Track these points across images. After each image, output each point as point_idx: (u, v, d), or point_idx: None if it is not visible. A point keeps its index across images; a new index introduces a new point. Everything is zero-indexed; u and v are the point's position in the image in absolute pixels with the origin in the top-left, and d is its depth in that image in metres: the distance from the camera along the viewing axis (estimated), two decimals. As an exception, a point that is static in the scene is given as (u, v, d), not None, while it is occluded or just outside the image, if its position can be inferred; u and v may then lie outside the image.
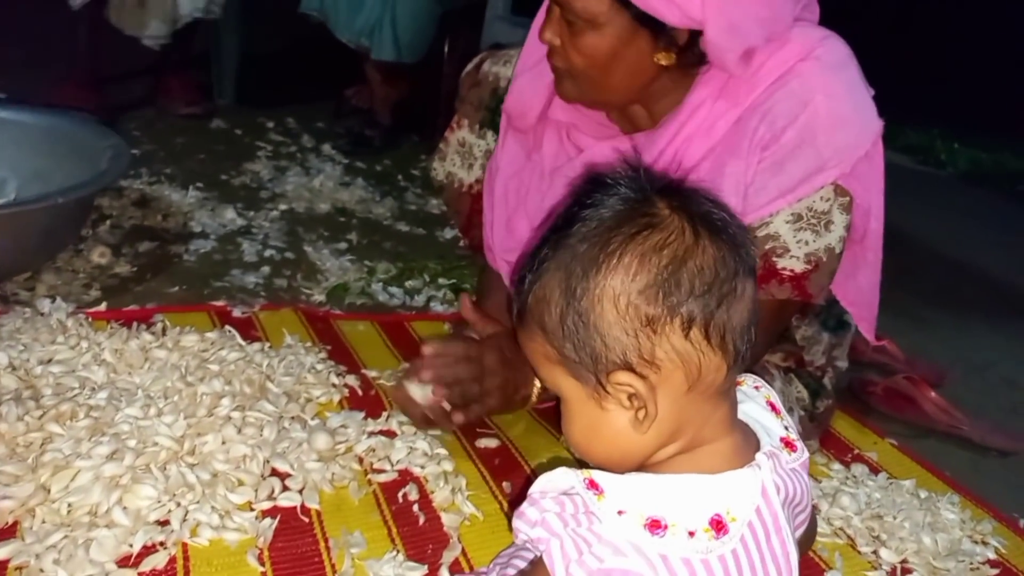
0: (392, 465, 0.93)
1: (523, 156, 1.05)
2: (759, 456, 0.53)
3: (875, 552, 0.93)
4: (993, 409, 1.33)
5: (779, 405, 0.60)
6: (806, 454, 0.58)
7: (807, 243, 0.87)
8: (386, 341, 1.26)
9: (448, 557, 0.81)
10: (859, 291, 0.97)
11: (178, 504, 0.80)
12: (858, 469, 1.07)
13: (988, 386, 1.41)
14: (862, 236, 0.92)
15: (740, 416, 0.56)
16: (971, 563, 0.94)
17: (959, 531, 0.98)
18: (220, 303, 1.25)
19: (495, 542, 0.84)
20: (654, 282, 0.49)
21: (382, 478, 0.91)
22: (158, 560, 0.74)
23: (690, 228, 0.50)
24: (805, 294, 0.88)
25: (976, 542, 0.98)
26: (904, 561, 0.92)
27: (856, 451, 1.13)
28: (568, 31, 0.86)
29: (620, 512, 0.48)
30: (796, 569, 0.53)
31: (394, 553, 0.79)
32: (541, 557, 0.50)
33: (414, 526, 0.85)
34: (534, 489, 0.51)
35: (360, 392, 1.08)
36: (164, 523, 0.78)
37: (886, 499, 1.01)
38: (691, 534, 0.48)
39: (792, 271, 0.87)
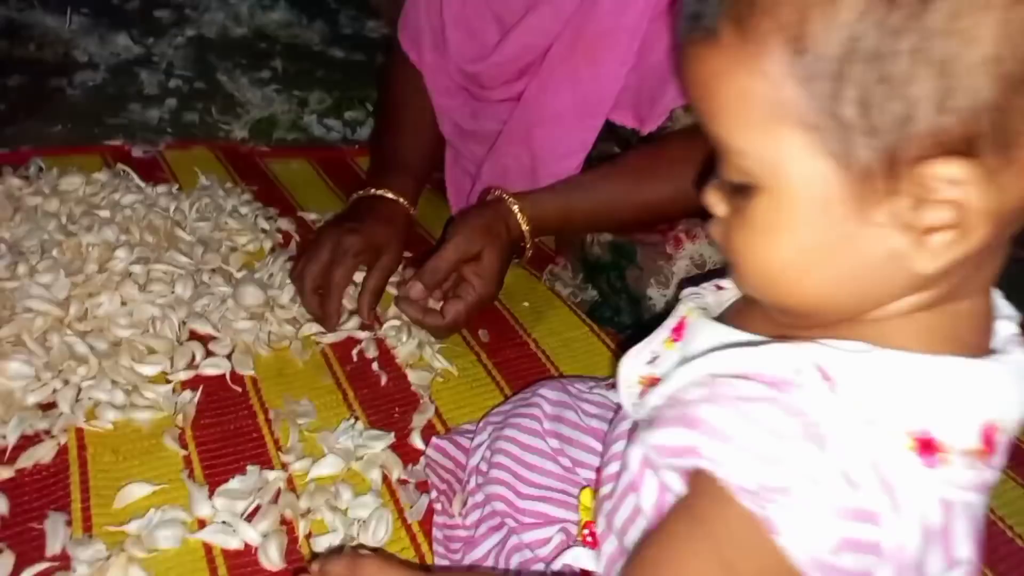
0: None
1: None
2: (1003, 326, 0.35)
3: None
4: None
5: None
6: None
7: None
8: (326, 180, 1.06)
9: (420, 420, 0.66)
10: None
11: (66, 382, 0.62)
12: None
13: None
14: None
15: None
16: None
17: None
18: (116, 142, 1.01)
19: (475, 400, 0.69)
20: None
21: (331, 336, 0.74)
22: (42, 453, 0.57)
23: None
24: None
25: None
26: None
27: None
28: None
29: (870, 421, 0.30)
30: None
31: (352, 421, 0.64)
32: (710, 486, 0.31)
33: (375, 387, 0.70)
34: (724, 378, 0.32)
35: (297, 237, 0.89)
36: (49, 407, 0.61)
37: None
38: (967, 459, 0.30)
39: None
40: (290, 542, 0.54)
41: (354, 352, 0.73)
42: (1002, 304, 0.36)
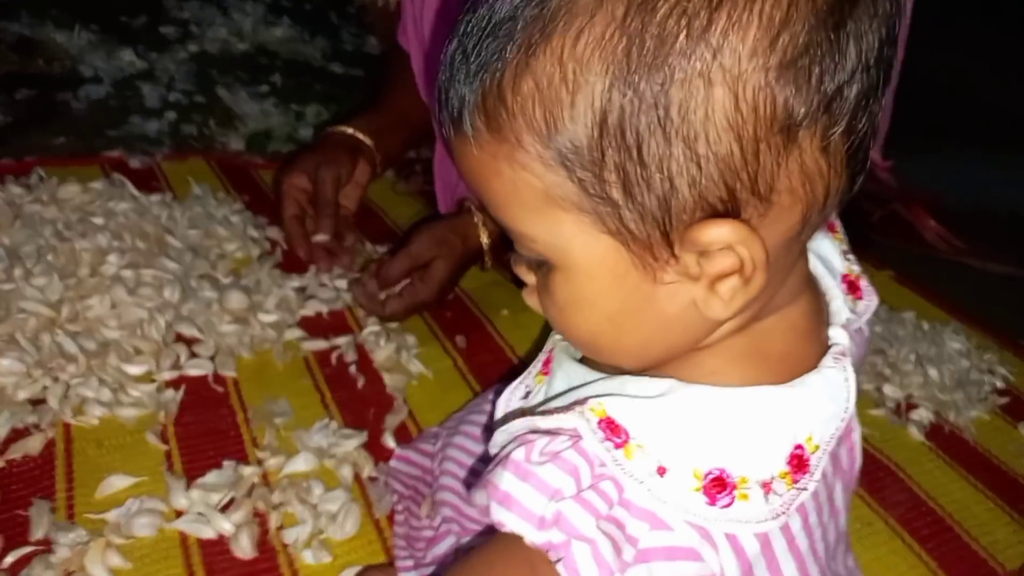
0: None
1: None
2: (835, 334, 0.35)
3: (878, 389, 0.83)
4: (992, 235, 1.22)
5: (835, 219, 0.41)
6: (874, 301, 0.40)
7: None
8: (319, 191, 1.09)
9: (392, 421, 0.69)
10: None
11: (55, 379, 0.65)
12: (855, 302, 0.96)
13: (988, 211, 1.30)
14: None
15: None
16: (979, 393, 0.85)
17: (965, 361, 0.89)
18: (114, 153, 1.05)
19: (447, 402, 0.72)
20: (805, 41, 0.27)
21: (312, 341, 0.77)
22: (30, 445, 0.60)
23: None
24: None
25: (983, 371, 0.89)
26: (909, 396, 0.83)
27: (852, 283, 1.02)
28: None
29: (661, 470, 0.31)
30: (858, 470, 0.38)
31: (327, 421, 0.67)
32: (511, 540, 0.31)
33: (351, 390, 0.72)
34: (511, 448, 0.32)
35: (284, 245, 0.92)
36: (38, 402, 0.64)
37: (887, 333, 0.90)
38: (766, 488, 0.31)
39: None
40: (261, 533, 0.56)
41: (333, 356, 0.76)
42: (838, 309, 0.37)
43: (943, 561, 0.64)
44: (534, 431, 0.32)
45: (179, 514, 0.56)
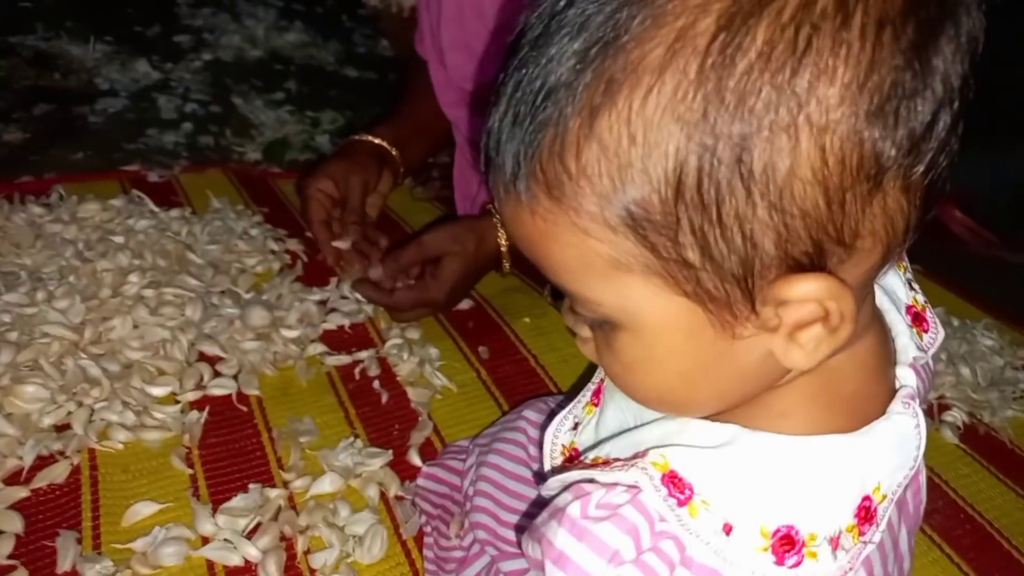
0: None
1: None
2: (903, 374, 0.34)
3: (910, 391, 0.81)
4: (1024, 225, 1.19)
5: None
6: (941, 332, 0.39)
7: None
8: (336, 199, 1.08)
9: (418, 438, 0.68)
10: None
11: (80, 404, 0.65)
12: (885, 301, 0.94)
13: (1018, 202, 1.27)
14: None
15: None
16: (1014, 391, 0.83)
17: (999, 358, 0.87)
18: (133, 167, 1.06)
19: (472, 416, 0.71)
20: (892, 81, 0.25)
21: (335, 356, 0.76)
22: (56, 473, 0.60)
23: None
24: None
25: (1017, 369, 0.87)
26: (941, 397, 0.81)
27: (881, 281, 0.99)
28: None
29: (727, 528, 0.29)
30: (923, 512, 0.37)
31: (352, 439, 0.66)
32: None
33: (376, 405, 0.72)
34: (566, 500, 0.30)
35: (305, 258, 0.91)
36: (63, 428, 0.64)
37: (919, 331, 0.88)
38: (834, 544, 0.30)
39: None
40: (289, 558, 0.56)
41: (356, 371, 0.75)
42: (905, 346, 0.35)
43: (985, 572, 0.62)
44: (591, 481, 0.31)
45: (205, 541, 0.56)
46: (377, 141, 0.87)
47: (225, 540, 0.56)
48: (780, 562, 0.29)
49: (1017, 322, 0.95)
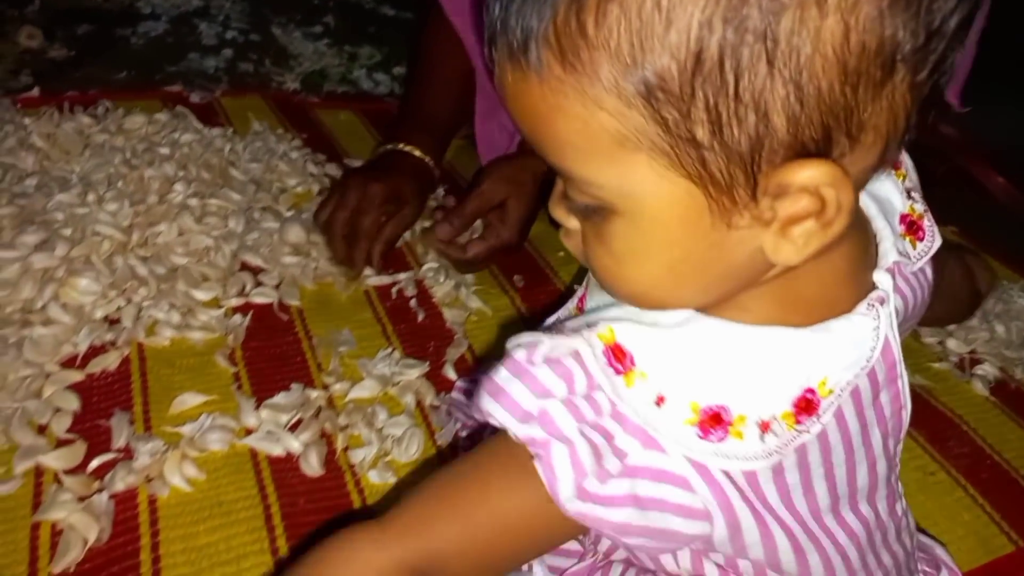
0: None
1: None
2: (879, 278, 0.34)
3: (941, 343, 0.81)
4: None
5: (904, 156, 0.39)
6: (937, 240, 0.38)
7: None
8: (372, 132, 1.09)
9: (453, 354, 0.69)
10: None
11: (129, 300, 0.67)
12: (920, 256, 0.94)
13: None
14: None
15: None
16: (1046, 352, 0.83)
17: (1033, 319, 0.87)
18: (175, 88, 1.06)
19: (505, 338, 0.72)
20: None
21: (373, 277, 0.77)
22: (108, 361, 0.62)
23: None
24: None
25: (1051, 330, 0.86)
26: (973, 352, 0.81)
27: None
28: None
29: (659, 400, 0.30)
30: (907, 421, 0.37)
31: (390, 350, 0.68)
32: (509, 443, 0.32)
33: (412, 323, 0.73)
34: (515, 347, 0.32)
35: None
36: (114, 321, 0.66)
37: (953, 286, 0.88)
38: (764, 427, 0.31)
39: None
40: (328, 453, 0.58)
41: (394, 290, 0.77)
42: (886, 251, 0.35)
43: (1006, 513, 0.63)
44: (538, 343, 0.32)
45: (249, 432, 0.58)
46: (418, 154, 0.81)
47: (268, 432, 0.57)
48: (704, 436, 0.31)
49: (1051, 286, 0.95)
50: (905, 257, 0.37)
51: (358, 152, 1.00)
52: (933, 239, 0.39)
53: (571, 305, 0.42)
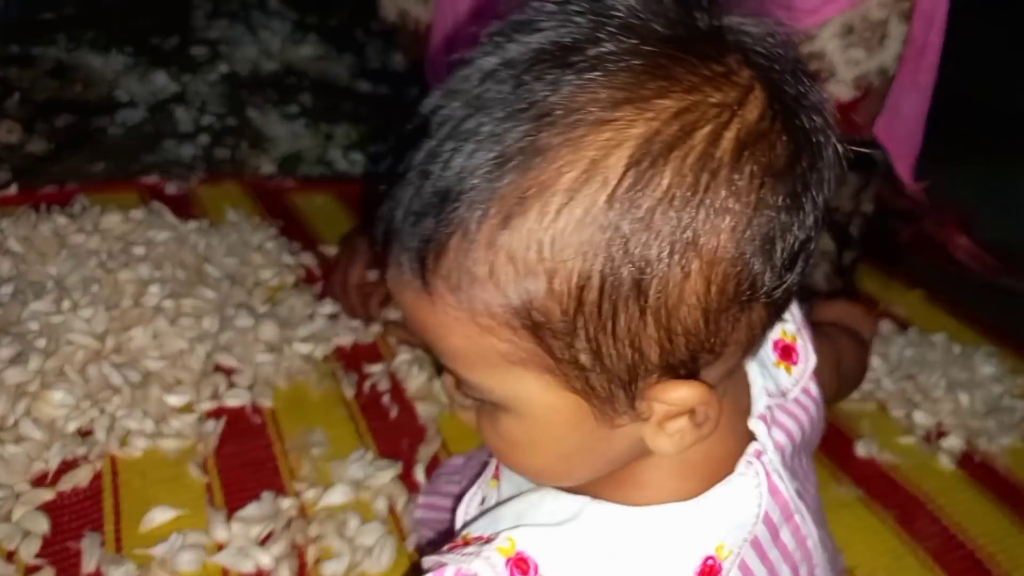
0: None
1: None
2: (754, 427, 0.36)
3: (907, 415, 0.83)
4: (1026, 252, 1.21)
5: None
6: (811, 360, 0.40)
7: (857, 63, 0.70)
8: (348, 215, 1.11)
9: (425, 453, 0.70)
10: (903, 121, 0.81)
11: (102, 411, 0.67)
12: (885, 327, 0.96)
13: (1022, 228, 1.29)
14: (919, 52, 0.76)
15: None
16: (1011, 419, 0.84)
17: (998, 386, 0.88)
18: (151, 179, 1.08)
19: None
20: (777, 221, 0.28)
21: (345, 371, 0.78)
22: (80, 477, 0.62)
23: (774, 114, 0.29)
24: (851, 127, 0.73)
25: (1016, 396, 0.88)
26: (940, 424, 0.83)
27: (882, 306, 1.01)
28: None
29: None
30: (819, 551, 0.38)
31: (363, 451, 0.68)
32: None
33: (384, 420, 0.74)
34: (426, 572, 0.33)
35: (318, 272, 0.94)
36: (86, 434, 0.66)
37: (918, 357, 0.90)
38: None
39: (837, 100, 0.71)
40: (300, 567, 0.58)
41: (366, 385, 0.77)
42: (756, 396, 0.37)
43: (975, 596, 0.64)
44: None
45: (220, 547, 0.58)
46: None
47: (239, 547, 0.58)
48: None
49: (1017, 350, 0.97)
50: (778, 395, 0.38)
51: (333, 238, 1.02)
52: (807, 360, 0.41)
53: (489, 474, 0.42)
